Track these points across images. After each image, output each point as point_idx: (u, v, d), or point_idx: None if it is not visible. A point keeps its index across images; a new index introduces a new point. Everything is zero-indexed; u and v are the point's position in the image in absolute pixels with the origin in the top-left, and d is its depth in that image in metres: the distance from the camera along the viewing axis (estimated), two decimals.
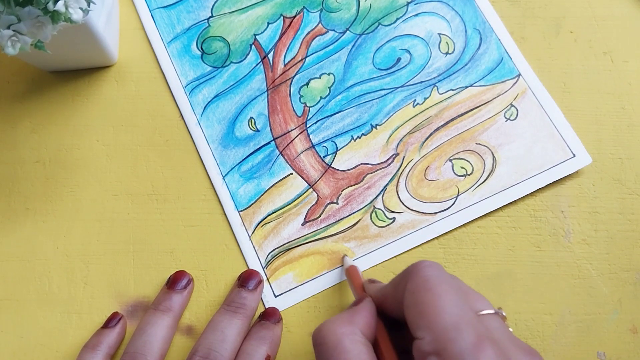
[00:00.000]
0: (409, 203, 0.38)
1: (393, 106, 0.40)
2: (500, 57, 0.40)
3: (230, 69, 0.41)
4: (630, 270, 0.36)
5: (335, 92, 0.40)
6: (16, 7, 0.29)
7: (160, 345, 0.33)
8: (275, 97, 0.40)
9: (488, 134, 0.39)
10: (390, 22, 0.41)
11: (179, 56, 0.41)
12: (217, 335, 0.33)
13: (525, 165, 0.38)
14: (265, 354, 0.33)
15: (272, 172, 0.39)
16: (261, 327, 0.34)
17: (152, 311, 0.34)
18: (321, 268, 0.37)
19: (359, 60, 0.41)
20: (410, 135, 0.39)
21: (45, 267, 0.37)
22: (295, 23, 0.41)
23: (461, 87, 0.40)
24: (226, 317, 0.34)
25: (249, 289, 0.35)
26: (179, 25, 0.42)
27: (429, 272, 0.26)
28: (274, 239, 0.37)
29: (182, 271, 0.36)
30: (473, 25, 0.41)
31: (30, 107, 0.40)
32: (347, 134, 0.39)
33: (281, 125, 0.39)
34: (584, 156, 0.38)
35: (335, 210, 0.38)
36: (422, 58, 0.41)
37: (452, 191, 0.38)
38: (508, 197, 0.37)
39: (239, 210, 0.38)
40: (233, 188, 0.38)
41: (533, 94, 0.39)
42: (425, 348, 0.24)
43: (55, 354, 0.36)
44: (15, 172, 0.39)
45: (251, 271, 0.36)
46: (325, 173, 0.38)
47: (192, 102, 0.40)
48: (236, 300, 0.34)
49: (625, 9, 0.42)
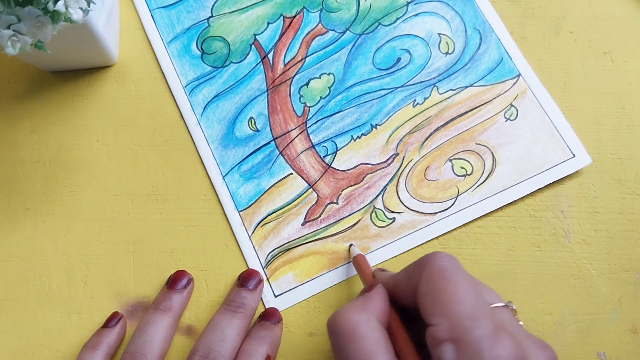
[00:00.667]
0: (409, 203, 0.38)
1: (393, 106, 0.40)
2: (500, 57, 0.40)
3: (230, 69, 0.41)
4: (630, 270, 0.36)
5: (335, 92, 0.40)
6: (16, 7, 0.29)
7: (160, 345, 0.33)
8: (275, 97, 0.40)
9: (488, 134, 0.39)
10: (390, 22, 0.41)
11: (179, 56, 0.41)
12: (217, 335, 0.33)
13: (525, 166, 0.38)
14: (265, 353, 0.33)
15: (272, 172, 0.39)
16: (261, 327, 0.34)
17: (152, 311, 0.34)
18: (321, 268, 0.37)
19: (359, 60, 0.41)
20: (410, 135, 0.39)
21: (45, 267, 0.37)
22: (295, 23, 0.41)
23: (461, 87, 0.40)
24: (226, 316, 0.34)
25: (249, 288, 0.35)
26: (179, 25, 0.42)
27: (445, 261, 0.26)
28: (274, 239, 0.37)
29: (182, 271, 0.36)
30: (473, 25, 0.41)
31: (30, 107, 0.40)
32: (347, 134, 0.39)
33: (281, 125, 0.39)
34: (584, 156, 0.38)
35: (335, 210, 0.38)
36: (422, 58, 0.41)
37: (452, 191, 0.38)
38: (508, 197, 0.37)
39: (239, 210, 0.38)
40: (233, 188, 0.38)
41: (533, 94, 0.39)
42: (441, 335, 0.24)
43: (55, 354, 0.36)
44: (15, 172, 0.39)
45: (251, 271, 0.36)
46: (325, 173, 0.38)
47: (192, 102, 0.40)
48: (236, 300, 0.34)
49: (625, 9, 0.42)
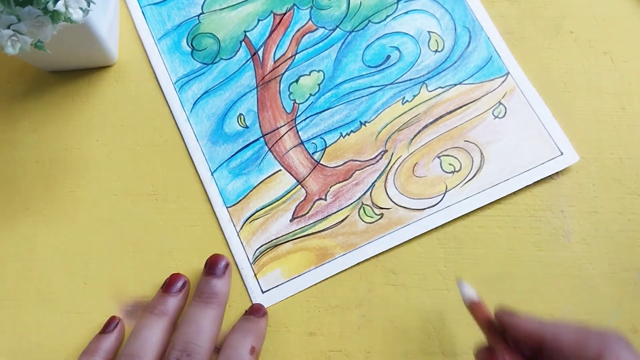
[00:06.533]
0: (397, 199, 0.38)
1: (382, 103, 0.40)
2: (489, 55, 0.40)
3: (220, 65, 0.41)
4: (630, 270, 0.36)
5: (324, 89, 0.40)
6: (16, 6, 0.29)
7: (155, 348, 0.33)
8: (264, 94, 0.40)
9: (476, 132, 0.39)
10: (380, 19, 0.41)
11: (169, 53, 0.41)
12: (193, 328, 0.32)
13: (513, 163, 0.38)
14: (250, 346, 0.33)
15: (260, 169, 0.39)
16: (246, 321, 0.34)
17: (148, 314, 0.34)
18: (309, 264, 0.37)
19: (349, 58, 0.41)
20: (399, 132, 0.39)
21: (45, 267, 0.37)
22: (285, 20, 0.41)
23: (450, 85, 0.40)
24: (199, 308, 0.33)
25: (217, 275, 0.35)
26: (169, 22, 0.42)
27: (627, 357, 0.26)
28: (262, 235, 0.37)
29: (177, 274, 0.36)
30: (463, 23, 0.41)
31: (30, 107, 0.40)
32: (336, 130, 0.39)
33: (270, 121, 0.40)
34: (572, 154, 0.38)
35: (324, 207, 0.38)
36: (411, 56, 0.41)
37: (440, 187, 0.38)
38: (496, 194, 0.37)
39: (227, 206, 0.38)
40: (222, 184, 0.38)
41: (521, 92, 0.40)
42: None
43: (55, 354, 0.36)
44: (15, 172, 0.39)
45: (216, 256, 0.36)
46: (314, 170, 0.38)
47: (181, 99, 0.40)
48: (206, 291, 0.34)
49: (625, 9, 0.42)
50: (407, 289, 0.36)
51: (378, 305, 0.36)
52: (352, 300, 0.36)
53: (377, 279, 0.36)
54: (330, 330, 0.36)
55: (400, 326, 0.36)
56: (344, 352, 0.35)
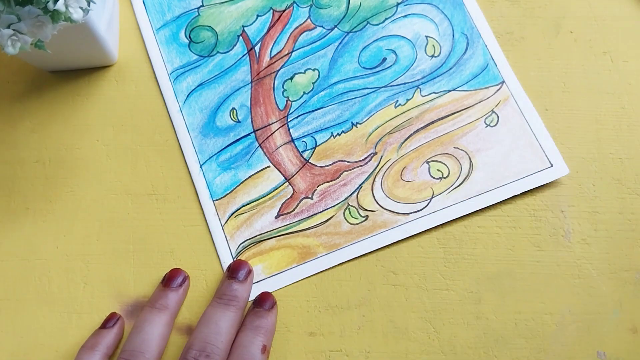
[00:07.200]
0: (383, 202, 0.38)
1: (375, 105, 0.40)
2: (486, 63, 0.40)
3: (216, 58, 0.41)
4: (630, 270, 0.36)
5: (318, 88, 0.40)
6: (16, 6, 0.29)
7: (157, 342, 0.33)
8: (258, 90, 0.40)
9: (467, 139, 0.39)
10: (379, 21, 0.41)
11: (167, 43, 0.41)
12: (212, 329, 0.33)
13: (501, 172, 0.38)
14: (261, 344, 0.33)
15: (249, 164, 0.39)
16: (255, 316, 0.34)
17: (149, 309, 0.34)
18: (290, 262, 0.37)
19: (345, 58, 0.41)
20: (390, 136, 0.39)
21: (45, 267, 0.37)
22: (284, 17, 0.42)
23: (444, 91, 0.40)
24: (219, 310, 0.34)
25: (239, 280, 0.35)
26: (169, 13, 0.42)
27: None
28: (247, 230, 0.37)
29: (177, 269, 0.36)
30: (461, 29, 0.41)
31: (30, 107, 0.40)
32: (327, 130, 0.39)
33: (262, 117, 0.40)
34: (562, 166, 0.38)
35: (310, 205, 0.38)
36: (407, 59, 0.41)
37: (426, 193, 0.38)
38: (482, 202, 0.37)
39: (213, 199, 0.38)
40: (209, 177, 0.38)
41: (515, 102, 0.39)
42: None
43: (55, 354, 0.36)
44: (15, 172, 0.39)
45: (240, 262, 0.36)
46: (303, 168, 0.38)
47: (175, 90, 0.40)
48: (227, 293, 0.34)
49: (625, 9, 0.42)
50: (407, 289, 0.36)
51: (378, 305, 0.36)
52: (352, 300, 0.36)
53: (377, 279, 0.36)
54: (331, 330, 0.36)
55: (400, 326, 0.36)
56: (344, 352, 0.35)
